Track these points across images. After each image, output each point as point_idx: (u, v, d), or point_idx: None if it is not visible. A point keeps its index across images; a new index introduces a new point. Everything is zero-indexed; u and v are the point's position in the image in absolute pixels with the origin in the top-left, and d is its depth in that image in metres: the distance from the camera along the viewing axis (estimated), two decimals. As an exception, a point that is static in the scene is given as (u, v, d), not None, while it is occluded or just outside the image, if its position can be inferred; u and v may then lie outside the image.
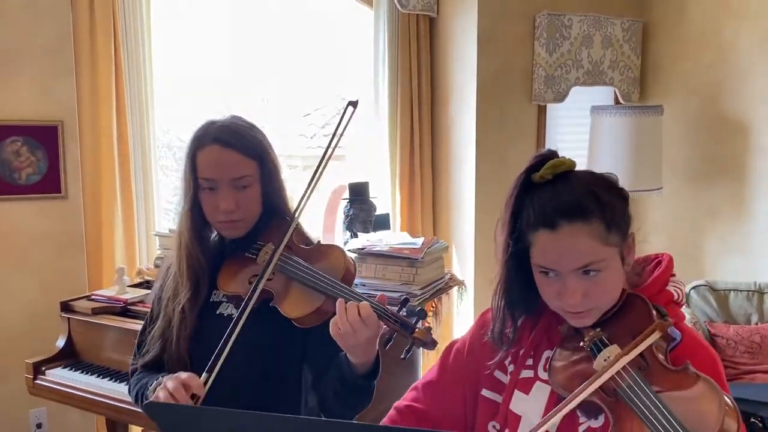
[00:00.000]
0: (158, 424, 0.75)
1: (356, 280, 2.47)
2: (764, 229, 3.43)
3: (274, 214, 1.47)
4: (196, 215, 1.42)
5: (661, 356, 1.05)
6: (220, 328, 1.36)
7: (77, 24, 2.72)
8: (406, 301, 1.30)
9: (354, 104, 1.40)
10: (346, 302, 1.25)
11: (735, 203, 3.53)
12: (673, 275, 1.18)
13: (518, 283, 1.16)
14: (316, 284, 1.34)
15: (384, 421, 1.30)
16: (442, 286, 2.60)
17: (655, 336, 1.03)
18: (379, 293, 2.36)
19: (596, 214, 1.06)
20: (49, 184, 2.70)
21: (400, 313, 1.27)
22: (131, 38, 2.83)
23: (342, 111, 1.41)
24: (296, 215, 1.41)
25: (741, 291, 3.10)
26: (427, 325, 1.27)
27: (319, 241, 1.48)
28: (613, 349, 1.05)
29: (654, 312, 1.08)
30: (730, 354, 2.86)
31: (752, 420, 2.47)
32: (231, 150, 1.39)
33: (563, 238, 1.06)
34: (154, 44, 2.91)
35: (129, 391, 1.53)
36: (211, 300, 1.48)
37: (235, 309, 1.42)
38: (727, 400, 0.98)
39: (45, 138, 2.67)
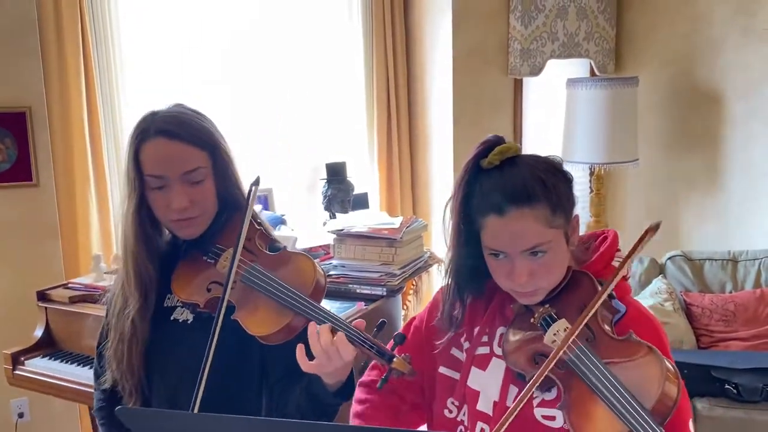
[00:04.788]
0: (132, 430, 0.75)
1: (336, 261, 2.50)
2: (738, 197, 3.48)
3: (232, 209, 1.34)
4: (143, 217, 1.29)
5: (607, 327, 1.11)
6: (175, 335, 1.28)
7: (41, 5, 2.64)
8: (383, 324, 1.19)
9: (256, 183, 1.26)
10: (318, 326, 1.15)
11: (709, 173, 3.58)
12: (619, 250, 1.23)
13: (467, 266, 1.20)
14: (283, 300, 1.20)
15: (356, 397, 1.32)
16: (422, 264, 2.61)
17: (598, 305, 1.08)
18: (355, 274, 2.40)
19: (541, 199, 1.11)
20: (20, 172, 2.64)
21: (376, 338, 1.17)
22: (98, 19, 2.76)
23: (247, 193, 1.27)
24: (245, 220, 1.25)
25: (716, 260, 3.15)
26: (406, 354, 1.18)
27: (285, 247, 1.34)
28: (561, 324, 1.12)
29: (598, 287, 1.14)
30: (706, 323, 2.92)
31: (726, 387, 2.53)
32: (178, 141, 1.25)
33: (511, 223, 1.10)
34: (123, 25, 2.84)
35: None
36: (165, 305, 1.35)
37: (191, 314, 1.32)
38: (669, 365, 1.05)
39: (13, 125, 2.61)
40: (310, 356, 1.14)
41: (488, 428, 1.17)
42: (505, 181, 1.12)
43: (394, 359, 1.15)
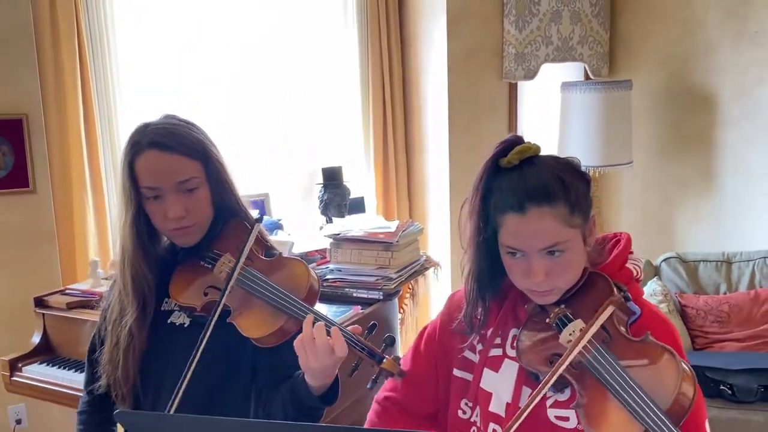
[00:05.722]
0: (130, 432, 0.76)
1: (332, 265, 2.51)
2: (732, 199, 3.50)
3: (228, 216, 1.38)
4: (140, 228, 1.33)
5: (623, 329, 1.11)
6: (172, 338, 1.31)
7: (37, 13, 2.65)
8: (374, 326, 1.22)
9: (259, 221, 1.32)
10: (314, 322, 1.18)
11: (703, 175, 3.60)
12: (631, 253, 1.24)
13: (488, 266, 1.20)
14: (278, 303, 1.25)
15: (370, 415, 1.33)
16: (418, 268, 2.63)
17: (614, 306, 1.09)
18: (351, 278, 2.41)
19: (561, 198, 1.11)
20: (17, 179, 2.65)
21: (368, 339, 1.20)
22: (94, 27, 2.78)
23: (251, 229, 1.31)
24: (255, 227, 1.30)
25: (710, 261, 3.17)
26: (395, 355, 1.22)
27: (280, 253, 1.38)
28: (577, 324, 1.11)
29: (614, 288, 1.14)
30: (700, 324, 2.93)
31: (721, 387, 2.55)
32: (170, 153, 1.29)
33: (531, 221, 1.10)
34: (119, 31, 2.85)
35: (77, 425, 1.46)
36: (162, 309, 1.39)
37: (187, 318, 1.36)
38: (685, 366, 1.05)
39: (10, 132, 2.62)
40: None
41: (500, 429, 1.18)
42: (525, 179, 1.12)
43: (384, 360, 1.18)
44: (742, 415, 2.51)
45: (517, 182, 1.12)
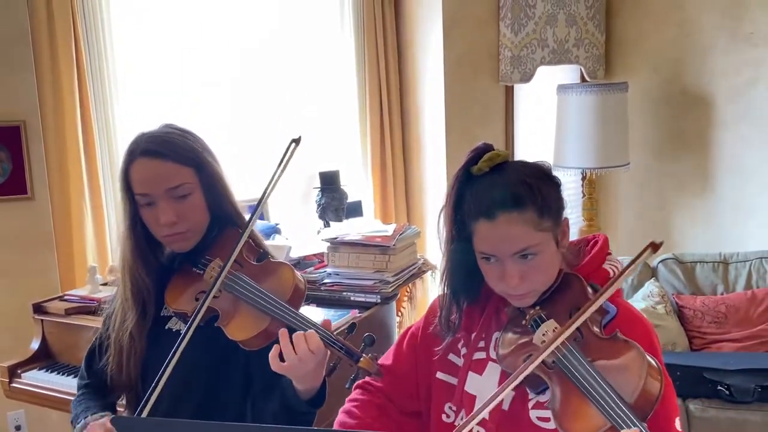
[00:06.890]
0: (127, 439, 0.77)
1: (330, 269, 2.52)
2: (728, 200, 3.52)
3: (225, 222, 1.40)
4: (138, 235, 1.36)
5: (596, 329, 1.14)
6: (168, 343, 1.31)
7: (34, 20, 2.66)
8: (353, 326, 1.26)
9: (297, 141, 1.34)
10: (290, 332, 1.20)
11: (700, 176, 3.61)
12: (609, 254, 1.26)
13: (461, 270, 1.23)
14: (262, 306, 1.28)
15: (350, 398, 1.35)
16: (416, 271, 2.63)
17: (590, 312, 1.11)
18: (349, 281, 2.42)
19: (529, 203, 1.13)
20: (15, 185, 2.66)
21: (346, 339, 1.23)
22: (92, 32, 2.78)
23: (285, 148, 1.33)
24: (243, 235, 1.32)
25: (707, 262, 3.17)
26: (373, 354, 1.24)
27: (269, 257, 1.40)
28: (550, 324, 1.14)
29: (588, 289, 1.17)
30: (698, 324, 2.94)
31: (719, 388, 2.56)
32: (160, 160, 1.31)
33: (500, 227, 1.13)
34: (117, 36, 2.86)
35: (72, 408, 1.47)
36: (161, 314, 1.42)
37: (183, 324, 1.37)
38: (652, 362, 1.07)
39: (8, 139, 2.63)
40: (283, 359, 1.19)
41: (483, 431, 1.19)
42: (494, 186, 1.15)
43: (361, 359, 1.21)
44: (740, 415, 2.52)
45: (487, 189, 1.15)
